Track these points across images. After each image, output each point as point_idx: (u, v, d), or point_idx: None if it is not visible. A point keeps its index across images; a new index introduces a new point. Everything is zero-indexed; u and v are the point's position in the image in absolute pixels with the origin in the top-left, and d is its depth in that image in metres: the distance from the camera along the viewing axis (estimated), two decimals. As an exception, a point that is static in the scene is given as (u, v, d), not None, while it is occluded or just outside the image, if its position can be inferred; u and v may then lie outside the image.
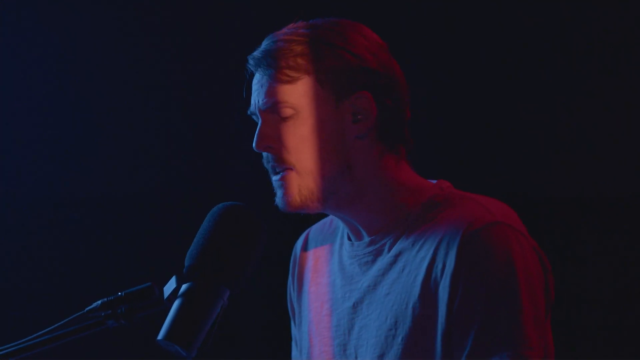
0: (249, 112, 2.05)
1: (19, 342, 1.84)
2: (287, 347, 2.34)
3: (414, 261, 1.97)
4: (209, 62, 3.46)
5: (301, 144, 1.99)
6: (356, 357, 2.02)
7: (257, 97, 2.01)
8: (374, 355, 1.98)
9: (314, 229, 2.24)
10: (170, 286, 1.81)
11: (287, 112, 1.99)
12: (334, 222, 2.16)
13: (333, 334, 2.07)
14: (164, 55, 3.53)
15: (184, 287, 1.80)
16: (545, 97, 3.05)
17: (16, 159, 3.54)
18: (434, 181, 2.07)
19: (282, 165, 2.00)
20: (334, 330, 2.07)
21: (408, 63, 2.14)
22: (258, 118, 2.02)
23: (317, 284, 2.15)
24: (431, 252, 1.95)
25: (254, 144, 2.01)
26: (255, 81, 2.03)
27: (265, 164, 2.04)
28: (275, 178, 2.01)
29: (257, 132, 2.01)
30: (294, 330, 2.26)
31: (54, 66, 3.54)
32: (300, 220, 2.13)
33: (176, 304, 1.79)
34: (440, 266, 1.93)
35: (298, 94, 1.98)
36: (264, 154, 2.02)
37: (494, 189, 2.16)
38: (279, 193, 2.01)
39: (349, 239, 2.09)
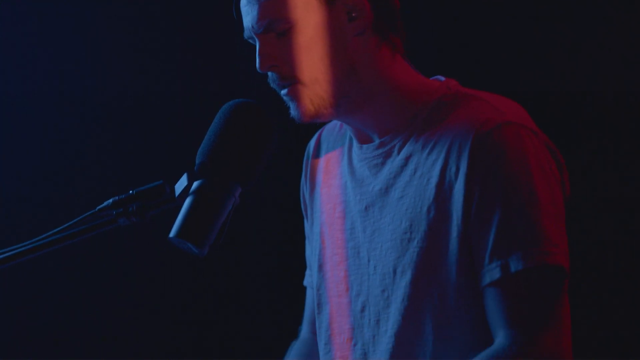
0: (245, 37, 2.02)
1: (31, 241, 1.85)
2: (299, 246, 2.34)
3: (425, 164, 1.95)
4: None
5: (303, 55, 1.97)
6: (369, 261, 2.02)
7: (250, 21, 1.97)
8: (389, 259, 1.97)
9: (326, 130, 2.23)
10: (181, 184, 1.80)
11: (283, 26, 1.96)
12: (344, 125, 2.14)
13: (346, 236, 2.07)
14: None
15: (195, 184, 1.79)
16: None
17: (23, 61, 3.53)
18: (442, 78, 2.04)
19: (288, 80, 1.99)
20: (348, 233, 2.07)
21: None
22: (255, 40, 1.99)
23: (328, 186, 2.14)
24: (443, 155, 1.94)
25: (257, 67, 1.99)
26: (243, 3, 1.99)
27: (272, 84, 2.02)
28: (284, 92, 1.99)
29: (257, 54, 1.98)
30: (307, 229, 2.26)
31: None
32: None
33: (187, 201, 1.79)
34: (453, 169, 1.91)
35: (290, 7, 1.95)
36: (269, 73, 2.00)
37: (498, 87, 2.13)
38: (291, 106, 2.00)
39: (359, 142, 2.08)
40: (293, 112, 2.00)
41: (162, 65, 3.54)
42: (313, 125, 2.16)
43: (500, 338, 1.85)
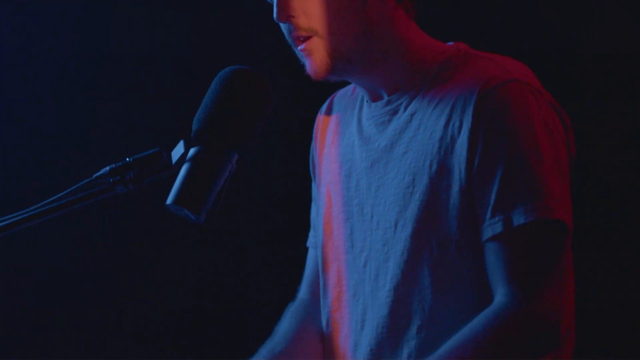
0: None
1: (28, 209, 1.84)
2: (305, 205, 2.34)
3: (429, 119, 1.96)
4: None
5: (321, 8, 1.98)
6: (372, 216, 2.02)
7: None
8: (392, 214, 1.98)
9: (339, 94, 2.24)
10: (178, 151, 1.80)
11: None
12: (357, 90, 2.15)
13: (352, 194, 2.08)
14: None
15: (192, 151, 1.79)
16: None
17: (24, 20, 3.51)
18: (451, 43, 2.05)
19: (306, 32, 1.99)
20: (353, 190, 2.08)
21: None
22: None
23: (336, 146, 2.15)
24: (447, 110, 1.94)
25: (275, 16, 1.99)
26: None
27: (287, 37, 2.03)
28: (300, 47, 2.00)
29: (275, 4, 1.98)
30: (314, 191, 2.26)
31: None
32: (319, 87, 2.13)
33: (184, 168, 1.78)
34: (457, 124, 1.92)
35: None
36: (285, 25, 2.01)
37: (506, 50, 2.13)
38: (308, 62, 2.01)
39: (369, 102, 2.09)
40: (308, 68, 2.01)
41: (158, 31, 3.53)
42: (312, 93, 2.17)
43: (499, 296, 1.85)
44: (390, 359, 1.98)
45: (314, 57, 1.99)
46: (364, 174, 2.06)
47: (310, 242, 2.29)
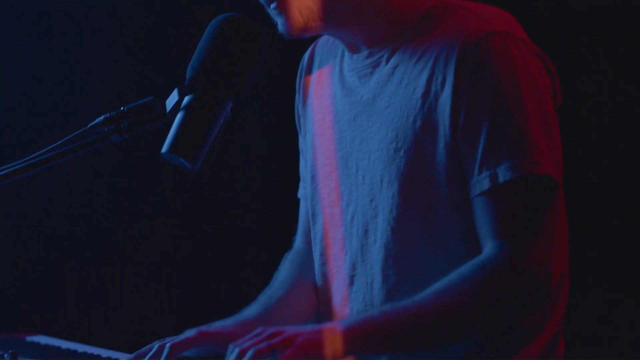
0: None
1: (23, 160, 1.84)
2: (290, 159, 2.34)
3: (411, 73, 1.95)
4: None
5: None
6: (357, 171, 2.02)
7: None
8: (377, 169, 1.98)
9: (320, 43, 2.22)
10: (172, 99, 1.80)
11: None
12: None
13: (335, 146, 2.07)
14: None
15: (186, 99, 1.78)
16: None
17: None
18: None
19: None
20: (337, 143, 2.07)
21: None
22: None
23: (319, 97, 2.14)
24: (429, 65, 1.93)
25: None
26: None
27: None
28: (273, 6, 1.97)
29: None
30: (300, 143, 2.26)
31: None
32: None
33: (179, 116, 1.78)
34: (440, 79, 1.91)
35: None
36: None
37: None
38: (280, 20, 1.99)
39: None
40: (281, 26, 1.99)
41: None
42: (303, 41, 2.15)
43: (487, 248, 1.85)
44: None
45: (286, 15, 1.97)
46: (347, 127, 2.05)
47: (300, 193, 2.29)
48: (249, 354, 1.68)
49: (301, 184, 2.28)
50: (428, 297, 1.82)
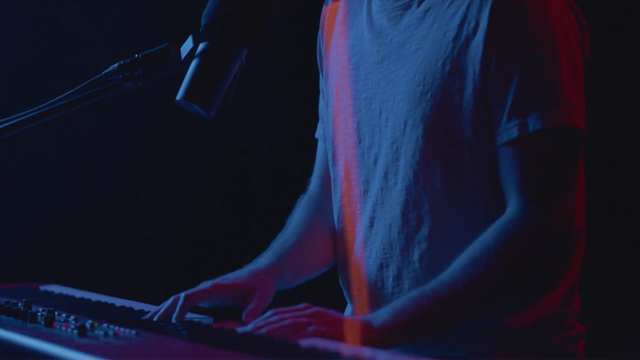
0: None
1: (38, 107, 1.85)
2: (313, 101, 2.34)
3: (443, 17, 1.93)
4: None
5: None
6: (381, 112, 2.01)
7: None
8: (401, 111, 1.97)
9: None
10: (187, 46, 1.80)
11: None
12: None
13: (360, 87, 2.06)
14: None
15: (201, 46, 1.78)
16: None
17: None
18: None
19: None
20: (361, 84, 2.06)
21: None
22: None
23: (345, 37, 2.13)
24: (462, 9, 1.91)
25: None
26: None
27: None
28: None
29: None
30: (321, 83, 2.25)
31: None
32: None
33: (194, 63, 1.78)
34: (472, 24, 1.89)
35: None
36: None
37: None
38: None
39: None
40: None
41: None
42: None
43: (512, 206, 1.83)
44: (401, 258, 1.98)
45: None
46: (374, 68, 2.04)
47: (318, 133, 2.29)
48: (287, 321, 1.68)
49: (320, 125, 2.28)
50: (455, 275, 1.79)
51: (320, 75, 2.25)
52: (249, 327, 1.69)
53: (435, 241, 1.93)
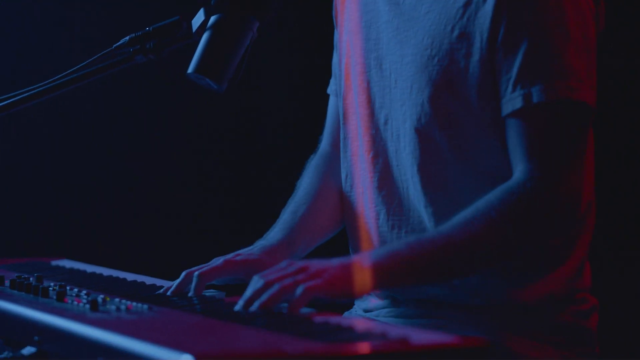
0: None
1: (49, 80, 1.84)
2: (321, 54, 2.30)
3: None
4: None
5: None
6: (390, 73, 1.99)
7: None
8: (408, 74, 1.95)
9: None
10: (198, 19, 1.79)
11: None
12: None
13: (370, 46, 2.04)
14: None
15: (212, 19, 1.77)
16: None
17: None
18: None
19: None
20: (372, 43, 2.04)
21: None
22: None
23: None
24: None
25: None
26: None
27: None
28: None
29: None
30: (336, 37, 2.22)
31: None
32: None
33: (205, 36, 1.77)
34: None
35: None
36: None
37: None
38: None
39: None
40: None
41: None
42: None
43: (517, 173, 1.82)
44: (406, 222, 1.98)
45: None
46: (385, 28, 2.01)
47: (330, 89, 2.26)
48: (275, 287, 1.66)
49: (332, 80, 2.25)
50: (454, 228, 1.79)
51: (335, 29, 2.21)
52: (240, 303, 1.67)
53: (441, 205, 1.92)
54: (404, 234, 1.98)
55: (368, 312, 2.08)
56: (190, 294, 1.84)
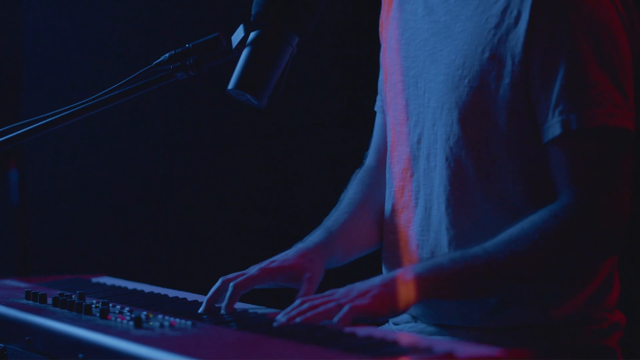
0: None
1: (90, 98, 1.85)
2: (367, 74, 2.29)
3: (488, 1, 1.90)
4: None
5: None
6: (425, 92, 1.99)
7: None
8: (440, 93, 1.94)
9: None
10: (238, 35, 1.79)
11: None
12: None
13: (409, 64, 2.04)
14: None
15: (252, 35, 1.77)
16: None
17: None
18: None
19: None
20: (411, 60, 2.04)
21: None
22: None
23: (401, 10, 2.10)
24: None
25: None
26: None
27: None
28: None
29: None
30: (381, 55, 2.21)
31: None
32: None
33: (245, 52, 1.77)
34: (514, 13, 1.85)
35: None
36: None
37: None
38: None
39: None
40: None
41: None
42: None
43: (562, 196, 1.81)
44: (435, 242, 1.97)
45: None
46: (422, 46, 2.01)
47: (377, 106, 2.26)
48: (320, 309, 1.67)
49: (378, 97, 2.25)
50: (498, 246, 1.79)
51: (382, 46, 2.21)
52: (280, 318, 1.68)
53: (464, 229, 1.92)
54: (427, 255, 1.98)
55: (395, 325, 2.08)
56: (223, 305, 1.84)
